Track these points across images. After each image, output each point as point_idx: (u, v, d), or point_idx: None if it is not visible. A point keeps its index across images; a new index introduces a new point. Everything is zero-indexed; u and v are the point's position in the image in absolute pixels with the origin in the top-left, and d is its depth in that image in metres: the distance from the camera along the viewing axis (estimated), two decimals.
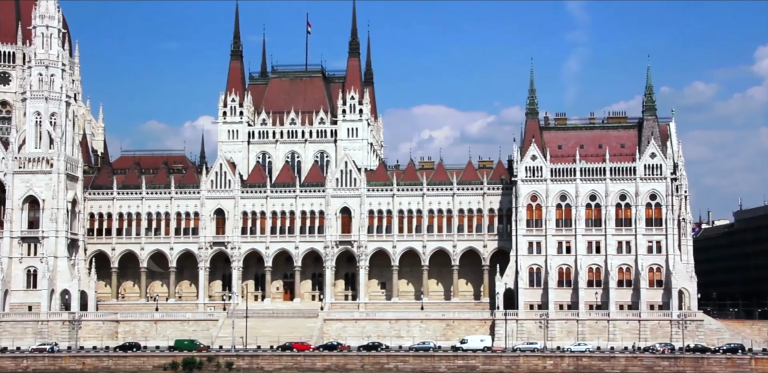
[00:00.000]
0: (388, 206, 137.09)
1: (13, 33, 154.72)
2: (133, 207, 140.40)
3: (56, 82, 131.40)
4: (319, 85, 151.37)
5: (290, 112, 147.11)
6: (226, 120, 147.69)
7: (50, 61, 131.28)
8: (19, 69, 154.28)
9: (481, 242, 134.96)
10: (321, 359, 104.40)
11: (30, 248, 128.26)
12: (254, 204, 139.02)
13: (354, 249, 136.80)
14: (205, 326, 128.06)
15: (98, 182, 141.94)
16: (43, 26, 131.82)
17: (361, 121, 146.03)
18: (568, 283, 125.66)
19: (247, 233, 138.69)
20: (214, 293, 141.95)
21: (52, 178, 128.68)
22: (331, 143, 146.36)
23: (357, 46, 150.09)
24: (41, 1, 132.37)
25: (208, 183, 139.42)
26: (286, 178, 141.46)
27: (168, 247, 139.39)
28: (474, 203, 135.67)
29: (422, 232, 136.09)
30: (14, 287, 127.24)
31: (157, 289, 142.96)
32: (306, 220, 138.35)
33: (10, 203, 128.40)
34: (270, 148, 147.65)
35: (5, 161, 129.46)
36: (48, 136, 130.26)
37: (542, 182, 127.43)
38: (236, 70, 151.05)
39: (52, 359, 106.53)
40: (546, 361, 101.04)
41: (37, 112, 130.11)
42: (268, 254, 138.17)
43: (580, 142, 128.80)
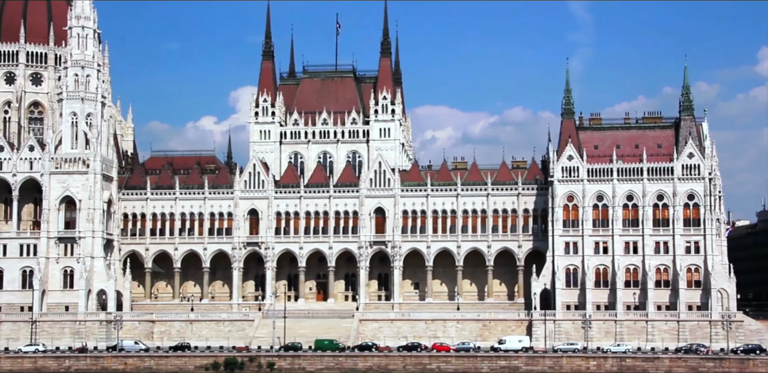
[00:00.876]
0: (422, 206, 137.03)
1: (45, 34, 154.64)
2: (167, 207, 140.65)
3: (92, 83, 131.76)
4: (350, 85, 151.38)
5: (322, 112, 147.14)
6: (258, 120, 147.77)
7: (86, 62, 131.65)
8: (51, 69, 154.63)
9: (515, 242, 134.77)
10: (363, 359, 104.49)
11: (66, 248, 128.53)
12: (288, 204, 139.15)
13: (388, 249, 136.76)
14: (240, 327, 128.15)
15: (132, 183, 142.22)
16: (79, 27, 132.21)
17: (393, 121, 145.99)
18: (605, 283, 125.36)
19: (281, 234, 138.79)
20: (247, 293, 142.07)
21: (88, 179, 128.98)
22: (364, 143, 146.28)
23: (389, 46, 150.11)
24: (77, 2, 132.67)
25: (241, 183, 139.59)
26: (319, 178, 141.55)
27: (202, 247, 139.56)
28: (509, 203, 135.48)
29: (456, 232, 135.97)
30: (51, 287, 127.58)
31: (190, 289, 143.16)
32: (340, 220, 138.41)
33: (46, 204, 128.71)
34: (302, 148, 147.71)
35: (42, 162, 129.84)
36: (84, 136, 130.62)
37: (579, 183, 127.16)
38: (268, 70, 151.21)
39: (94, 359, 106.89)
40: (589, 362, 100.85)
41: (73, 113, 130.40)
42: (301, 254, 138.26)
43: (617, 143, 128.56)
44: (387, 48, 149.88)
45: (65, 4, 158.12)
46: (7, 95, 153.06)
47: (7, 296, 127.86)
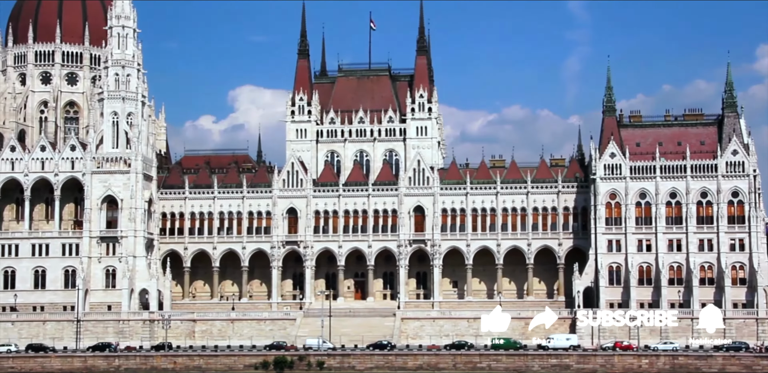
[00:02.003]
0: (461, 204, 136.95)
1: (81, 34, 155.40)
2: (205, 206, 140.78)
3: (132, 82, 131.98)
4: (386, 83, 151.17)
5: (358, 111, 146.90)
6: (295, 119, 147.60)
7: (126, 62, 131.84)
8: (87, 69, 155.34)
9: (556, 240, 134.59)
10: (412, 357, 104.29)
11: (108, 247, 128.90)
12: (326, 203, 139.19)
13: (427, 248, 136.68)
14: (281, 326, 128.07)
15: (170, 182, 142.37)
16: (119, 26, 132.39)
17: (430, 119, 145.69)
18: (648, 281, 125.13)
19: (320, 232, 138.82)
20: (285, 292, 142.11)
21: (129, 178, 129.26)
22: (400, 142, 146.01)
23: (425, 45, 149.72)
24: (117, 2, 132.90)
25: (279, 182, 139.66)
26: (357, 177, 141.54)
27: (240, 246, 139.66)
28: (548, 201, 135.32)
29: (496, 230, 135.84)
30: (93, 286, 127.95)
31: (228, 288, 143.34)
32: (378, 219, 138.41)
33: (88, 203, 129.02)
34: (338, 147, 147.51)
35: (83, 161, 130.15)
36: (125, 136, 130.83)
37: (621, 180, 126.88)
38: (303, 69, 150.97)
39: (144, 358, 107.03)
40: (641, 360, 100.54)
41: (114, 112, 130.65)
42: (340, 253, 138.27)
43: (659, 140, 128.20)
44: (423, 46, 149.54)
45: (99, 3, 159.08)
46: (43, 95, 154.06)
47: (50, 296, 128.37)
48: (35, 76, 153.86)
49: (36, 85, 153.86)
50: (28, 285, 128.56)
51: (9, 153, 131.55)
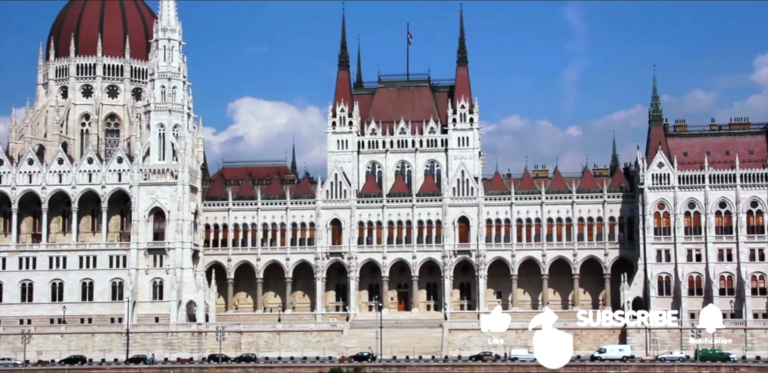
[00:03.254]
0: (506, 214, 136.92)
1: (121, 47, 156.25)
2: (249, 218, 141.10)
3: (178, 95, 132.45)
4: (426, 94, 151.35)
5: (399, 121, 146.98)
6: (336, 130, 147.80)
7: (172, 74, 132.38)
8: (127, 82, 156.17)
9: (601, 250, 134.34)
10: (469, 368, 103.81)
11: (156, 259, 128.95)
12: (370, 214, 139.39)
13: (472, 258, 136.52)
14: (328, 337, 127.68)
15: (213, 194, 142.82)
16: (165, 39, 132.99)
17: (471, 129, 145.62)
18: (698, 291, 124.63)
19: (364, 243, 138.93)
20: (328, 303, 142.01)
21: (176, 190, 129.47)
22: (442, 152, 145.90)
23: (465, 56, 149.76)
24: (163, 14, 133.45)
25: (323, 193, 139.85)
26: (400, 187, 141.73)
27: (284, 257, 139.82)
28: (594, 211, 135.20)
29: (541, 241, 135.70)
30: (141, 298, 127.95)
31: (270, 300, 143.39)
32: (423, 229, 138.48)
33: (135, 215, 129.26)
34: (380, 157, 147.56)
35: (130, 173, 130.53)
36: (171, 147, 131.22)
37: (670, 190, 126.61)
38: (344, 80, 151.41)
39: (198, 370, 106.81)
40: (701, 370, 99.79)
41: (160, 124, 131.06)
42: (385, 264, 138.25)
43: (706, 149, 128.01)
44: (463, 57, 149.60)
45: (139, 17, 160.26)
46: (85, 108, 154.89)
47: (98, 308, 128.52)
48: (77, 89, 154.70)
49: (78, 98, 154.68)
50: (75, 297, 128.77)
51: (57, 165, 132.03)
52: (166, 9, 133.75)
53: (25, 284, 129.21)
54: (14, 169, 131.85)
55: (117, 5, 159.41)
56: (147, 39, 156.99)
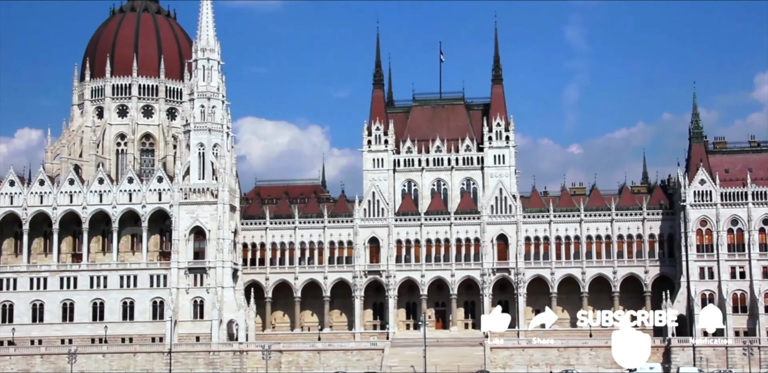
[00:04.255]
0: (544, 232, 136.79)
1: (156, 67, 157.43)
2: (286, 237, 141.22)
3: (217, 114, 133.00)
4: (461, 112, 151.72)
5: (435, 139, 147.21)
6: (371, 148, 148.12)
7: (211, 93, 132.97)
8: (162, 102, 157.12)
9: (642, 267, 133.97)
10: None
11: (196, 278, 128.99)
12: (408, 232, 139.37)
13: (511, 276, 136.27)
14: (368, 356, 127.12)
15: (250, 212, 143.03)
16: (204, 59, 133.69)
17: (507, 147, 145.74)
18: (743, 309, 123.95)
19: (402, 262, 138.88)
20: (366, 322, 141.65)
21: (217, 209, 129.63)
22: (478, 170, 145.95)
23: (500, 73, 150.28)
24: (202, 34, 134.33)
25: (360, 212, 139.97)
26: (438, 205, 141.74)
27: (322, 276, 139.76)
28: (633, 228, 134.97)
29: (581, 258, 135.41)
30: (181, 317, 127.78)
31: (307, 319, 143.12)
32: (461, 248, 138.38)
33: (176, 234, 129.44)
34: (416, 176, 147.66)
35: (171, 193, 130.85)
36: (211, 166, 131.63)
37: (712, 207, 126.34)
38: (379, 99, 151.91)
39: None
40: None
41: (200, 144, 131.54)
42: (423, 282, 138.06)
43: (748, 166, 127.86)
44: (498, 75, 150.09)
45: (173, 37, 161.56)
46: (120, 128, 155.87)
47: (139, 327, 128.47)
48: (112, 109, 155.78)
49: (113, 118, 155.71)
50: (116, 317, 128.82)
51: (97, 185, 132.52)
52: (205, 29, 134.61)
53: (66, 304, 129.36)
54: (55, 189, 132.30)
55: (151, 25, 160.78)
56: (181, 59, 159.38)
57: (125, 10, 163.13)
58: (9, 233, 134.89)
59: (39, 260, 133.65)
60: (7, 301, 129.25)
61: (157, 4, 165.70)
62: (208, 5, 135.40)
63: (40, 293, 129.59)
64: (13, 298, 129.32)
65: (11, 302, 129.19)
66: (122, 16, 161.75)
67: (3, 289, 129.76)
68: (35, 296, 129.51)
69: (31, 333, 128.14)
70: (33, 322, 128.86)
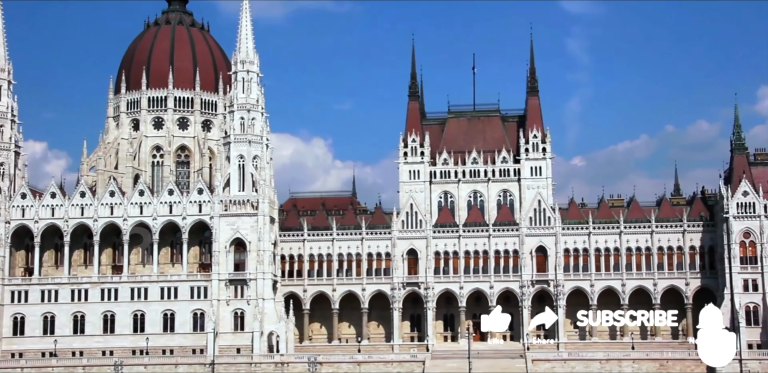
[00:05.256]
0: (584, 244, 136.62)
1: (191, 79, 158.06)
2: (324, 248, 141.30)
3: (256, 126, 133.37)
4: (497, 124, 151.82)
5: (471, 151, 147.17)
6: (408, 160, 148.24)
7: (251, 105, 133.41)
8: (198, 114, 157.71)
9: (682, 280, 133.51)
10: None
11: (237, 290, 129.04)
12: (446, 244, 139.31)
13: (550, 288, 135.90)
14: (409, 368, 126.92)
15: (287, 224, 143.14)
16: (244, 71, 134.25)
17: (544, 159, 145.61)
18: None
19: (440, 274, 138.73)
20: (403, 334, 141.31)
21: (257, 221, 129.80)
22: (515, 182, 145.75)
23: (536, 85, 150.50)
24: (241, 47, 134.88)
25: (398, 223, 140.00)
26: (476, 217, 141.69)
27: (360, 288, 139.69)
28: (674, 240, 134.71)
29: (621, 270, 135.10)
30: (222, 329, 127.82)
31: (345, 330, 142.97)
32: (500, 259, 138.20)
33: (216, 246, 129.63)
34: (452, 187, 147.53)
35: (211, 204, 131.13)
36: (251, 178, 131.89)
37: (755, 219, 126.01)
38: (415, 110, 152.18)
39: None
40: None
41: (240, 156, 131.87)
42: (461, 294, 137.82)
43: None
44: (534, 87, 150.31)
45: (208, 50, 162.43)
46: (156, 140, 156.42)
47: (179, 339, 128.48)
48: (148, 121, 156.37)
49: (149, 130, 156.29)
50: (157, 328, 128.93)
51: (137, 197, 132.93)
52: (244, 41, 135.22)
53: (107, 316, 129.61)
54: (96, 201, 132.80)
55: (186, 38, 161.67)
56: (215, 71, 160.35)
57: (160, 23, 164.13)
58: (49, 244, 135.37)
59: (79, 271, 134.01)
60: (49, 312, 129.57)
61: (191, 17, 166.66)
62: (248, 18, 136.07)
63: (81, 304, 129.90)
64: (54, 310, 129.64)
65: (53, 314, 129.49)
66: (157, 29, 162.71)
67: (45, 300, 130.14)
68: (76, 307, 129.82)
69: (72, 345, 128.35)
70: (74, 333, 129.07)
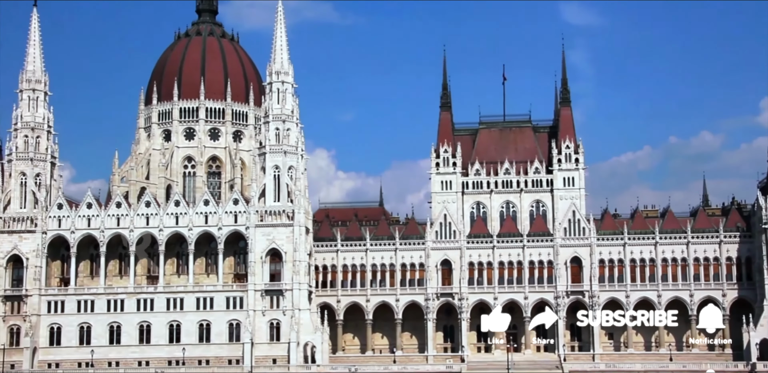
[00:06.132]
0: (619, 254, 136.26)
1: (222, 90, 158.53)
2: (357, 259, 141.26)
3: (291, 137, 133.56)
4: (529, 134, 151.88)
5: (504, 162, 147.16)
6: (440, 171, 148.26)
7: (286, 116, 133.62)
8: (229, 125, 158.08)
9: (719, 290, 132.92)
10: None
11: (272, 300, 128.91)
12: (480, 254, 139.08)
13: (585, 299, 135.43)
14: None
15: (321, 235, 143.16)
16: (279, 82, 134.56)
17: (577, 170, 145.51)
18: None
19: (474, 284, 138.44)
20: (436, 344, 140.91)
21: (293, 231, 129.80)
22: (547, 193, 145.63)
23: (568, 96, 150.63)
24: (276, 58, 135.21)
25: (432, 234, 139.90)
26: (510, 228, 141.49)
27: (394, 298, 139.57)
28: (710, 251, 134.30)
29: (656, 281, 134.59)
30: (258, 339, 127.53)
31: (377, 341, 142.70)
32: (534, 270, 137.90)
33: (252, 256, 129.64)
34: (484, 198, 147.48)
35: (247, 215, 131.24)
36: (286, 189, 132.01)
37: None
38: (446, 121, 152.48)
39: None
40: None
41: (275, 166, 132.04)
42: (496, 304, 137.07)
43: None
44: (567, 97, 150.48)
45: (238, 61, 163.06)
46: (187, 151, 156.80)
47: (215, 349, 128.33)
48: (180, 132, 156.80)
49: (180, 141, 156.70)
50: (193, 339, 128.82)
51: (173, 208, 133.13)
52: (279, 52, 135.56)
53: (143, 326, 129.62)
54: (132, 212, 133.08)
55: (217, 49, 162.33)
56: (246, 82, 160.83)
57: (191, 34, 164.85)
58: (85, 255, 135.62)
59: (114, 282, 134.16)
60: (85, 323, 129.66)
61: (221, 28, 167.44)
62: (282, 29, 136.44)
63: (117, 315, 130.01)
64: (90, 320, 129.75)
65: (89, 324, 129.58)
66: (188, 41, 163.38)
67: (81, 311, 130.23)
68: (112, 318, 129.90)
69: (108, 355, 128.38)
70: (110, 344, 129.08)
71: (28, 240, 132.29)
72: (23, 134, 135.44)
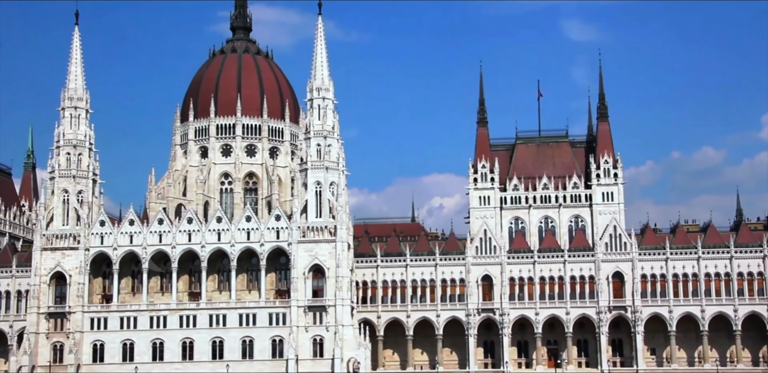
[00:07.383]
0: (661, 270, 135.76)
1: (258, 107, 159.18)
2: (398, 275, 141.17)
3: (332, 153, 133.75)
4: (566, 149, 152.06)
5: (542, 177, 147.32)
6: (477, 186, 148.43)
7: (327, 132, 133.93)
8: (265, 141, 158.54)
9: (764, 306, 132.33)
10: None
11: (315, 316, 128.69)
12: (521, 270, 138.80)
13: (627, 314, 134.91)
14: None
15: (360, 250, 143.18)
16: (320, 98, 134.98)
17: (616, 185, 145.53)
18: None
19: (515, 299, 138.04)
20: (477, 360, 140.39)
21: (335, 247, 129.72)
22: (586, 208, 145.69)
23: (605, 110, 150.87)
24: (317, 74, 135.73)
25: (472, 249, 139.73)
26: (550, 243, 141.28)
27: (434, 314, 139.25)
28: (753, 266, 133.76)
29: (699, 296, 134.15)
30: (301, 355, 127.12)
31: (417, 357, 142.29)
32: (575, 285, 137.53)
33: (295, 272, 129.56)
34: (522, 213, 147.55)
35: (289, 231, 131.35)
36: (328, 204, 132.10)
37: None
38: (484, 137, 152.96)
39: None
40: None
41: (317, 182, 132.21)
42: (537, 320, 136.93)
43: None
44: (604, 112, 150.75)
45: (273, 78, 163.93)
46: (224, 167, 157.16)
47: (258, 366, 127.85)
48: (216, 148, 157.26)
49: (217, 157, 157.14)
50: (236, 355, 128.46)
51: (215, 224, 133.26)
52: (319, 68, 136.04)
53: (185, 342, 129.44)
54: (174, 228, 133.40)
55: (253, 66, 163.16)
56: (281, 98, 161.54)
57: (226, 51, 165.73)
58: (126, 272, 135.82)
59: (156, 298, 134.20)
60: (128, 339, 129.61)
61: (255, 45, 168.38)
62: (322, 45, 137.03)
63: (160, 331, 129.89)
64: (133, 336, 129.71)
65: (132, 341, 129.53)
66: (224, 58, 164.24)
67: (124, 327, 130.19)
68: (155, 334, 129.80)
69: (152, 371, 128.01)
70: (153, 360, 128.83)
71: (71, 257, 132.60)
72: (65, 152, 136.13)
